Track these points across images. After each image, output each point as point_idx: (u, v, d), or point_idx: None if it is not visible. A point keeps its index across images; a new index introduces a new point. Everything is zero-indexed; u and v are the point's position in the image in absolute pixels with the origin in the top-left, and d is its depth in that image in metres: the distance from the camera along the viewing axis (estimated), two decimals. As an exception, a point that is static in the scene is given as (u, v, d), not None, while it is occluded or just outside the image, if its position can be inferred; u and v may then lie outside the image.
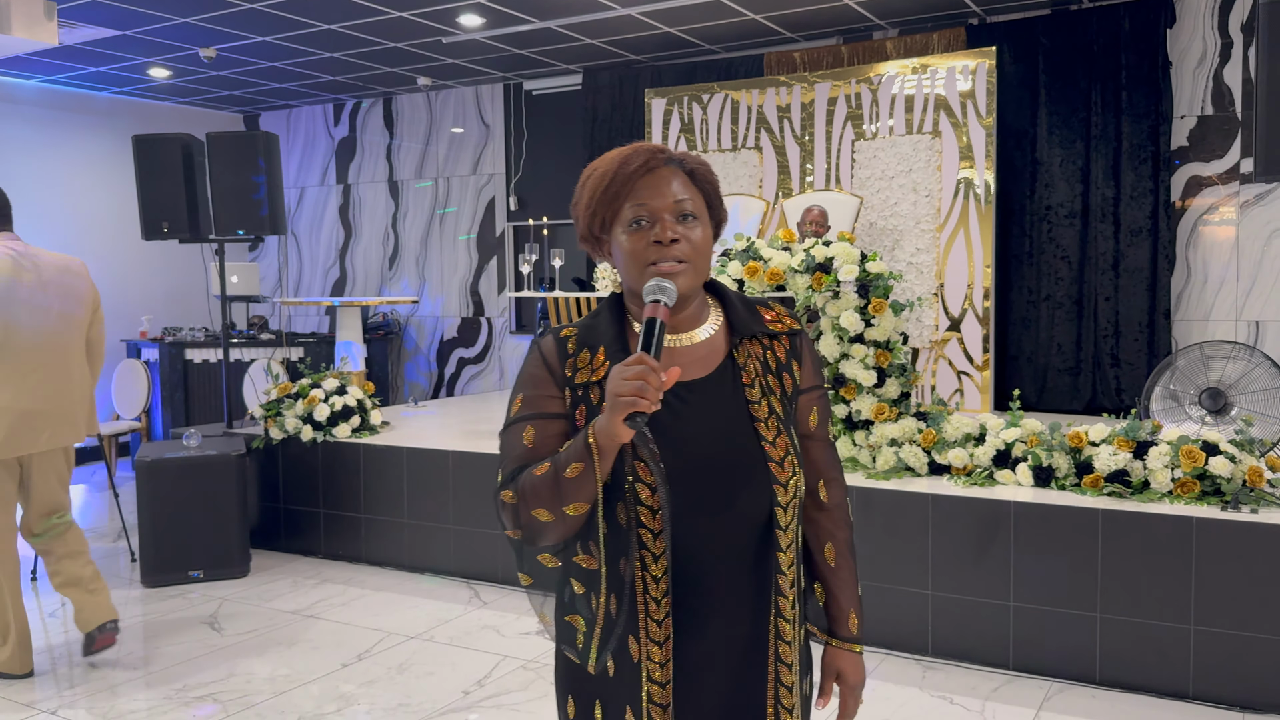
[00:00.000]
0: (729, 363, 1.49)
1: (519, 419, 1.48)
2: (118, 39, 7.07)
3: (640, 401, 1.25)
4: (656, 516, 1.39)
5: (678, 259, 1.41)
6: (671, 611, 1.42)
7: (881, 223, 6.66)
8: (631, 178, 1.44)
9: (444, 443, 5.27)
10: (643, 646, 1.42)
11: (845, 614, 1.60)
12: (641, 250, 1.42)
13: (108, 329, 8.76)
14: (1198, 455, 3.66)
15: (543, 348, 1.50)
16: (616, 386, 1.27)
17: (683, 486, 1.40)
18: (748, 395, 1.47)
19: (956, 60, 6.45)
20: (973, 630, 3.85)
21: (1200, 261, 6.19)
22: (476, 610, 4.63)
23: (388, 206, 9.35)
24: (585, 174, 1.49)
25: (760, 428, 1.45)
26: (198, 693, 3.71)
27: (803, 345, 1.56)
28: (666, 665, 1.42)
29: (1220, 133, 6.11)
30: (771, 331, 1.53)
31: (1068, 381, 6.51)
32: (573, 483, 1.35)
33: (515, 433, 1.47)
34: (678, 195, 1.43)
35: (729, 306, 1.53)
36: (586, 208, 1.47)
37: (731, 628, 1.44)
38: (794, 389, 1.52)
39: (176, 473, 5.00)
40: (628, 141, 6.78)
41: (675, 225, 1.42)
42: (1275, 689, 3.39)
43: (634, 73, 7.90)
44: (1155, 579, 3.55)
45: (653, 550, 1.40)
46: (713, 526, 1.42)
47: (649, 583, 1.41)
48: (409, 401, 7.32)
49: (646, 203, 1.42)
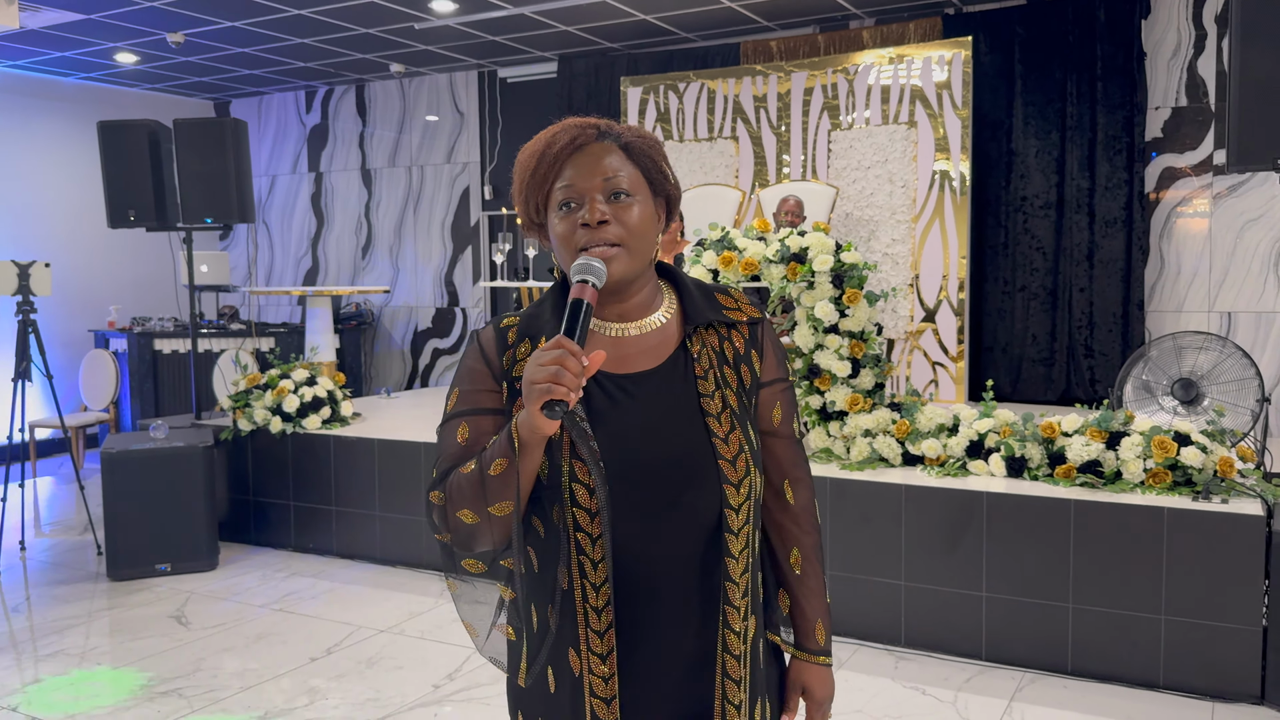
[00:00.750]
0: (681, 353, 1.38)
1: (453, 415, 1.38)
2: (83, 23, 6.94)
3: (556, 389, 1.14)
4: (595, 520, 1.28)
5: (609, 242, 1.30)
6: (614, 623, 1.31)
7: (857, 213, 6.64)
8: (559, 157, 1.34)
9: (416, 434, 5.22)
10: (584, 659, 1.32)
11: (812, 625, 1.49)
12: (570, 234, 1.32)
13: (75, 317, 8.65)
14: (1170, 446, 3.66)
15: (481, 339, 1.40)
16: (531, 373, 1.17)
17: (624, 486, 1.29)
18: (700, 388, 1.36)
19: (933, 50, 6.43)
20: (945, 621, 3.85)
21: (1174, 253, 6.21)
22: (447, 603, 4.58)
23: (360, 195, 9.26)
24: (520, 155, 1.39)
25: (712, 423, 1.34)
26: (163, 687, 3.65)
27: (764, 335, 1.44)
28: (611, 680, 1.32)
29: (1194, 124, 6.13)
30: (729, 320, 1.41)
31: (1042, 372, 6.53)
32: (497, 480, 1.25)
33: (449, 430, 1.37)
34: (608, 173, 1.32)
35: (684, 293, 1.42)
36: (519, 193, 1.38)
37: (680, 640, 1.34)
38: (753, 382, 1.41)
39: (143, 465, 4.93)
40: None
41: (604, 206, 1.31)
42: (1244, 678, 3.41)
43: (610, 61, 7.85)
44: (1127, 569, 3.56)
45: (591, 556, 1.30)
46: (658, 530, 1.31)
47: (588, 591, 1.30)
48: (381, 393, 7.25)
49: (574, 183, 1.32)
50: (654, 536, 1.31)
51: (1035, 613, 3.70)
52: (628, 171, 1.35)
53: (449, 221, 8.83)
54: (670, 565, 1.32)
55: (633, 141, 1.37)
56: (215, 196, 5.54)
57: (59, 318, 8.29)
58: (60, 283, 8.04)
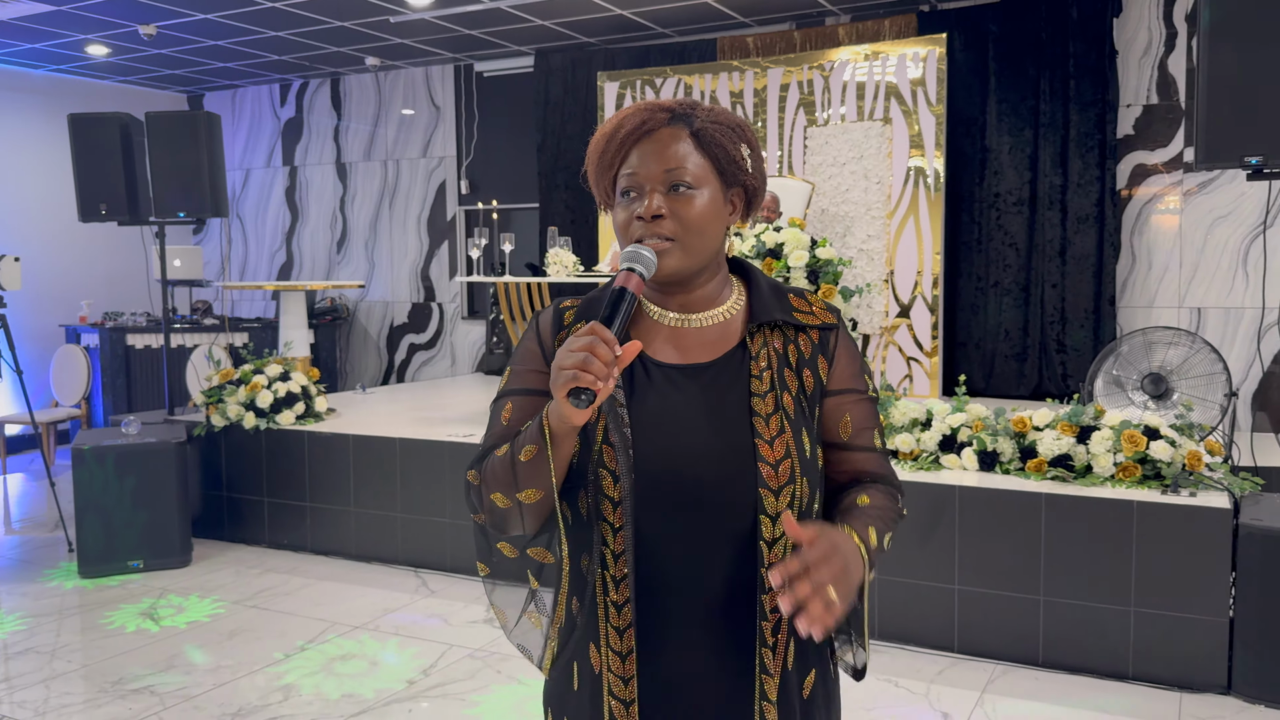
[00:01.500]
0: (739, 350, 1.32)
1: (503, 393, 1.35)
2: (53, 14, 6.86)
3: (583, 376, 1.09)
4: (618, 510, 1.23)
5: (663, 236, 1.25)
6: (635, 621, 1.25)
7: (833, 209, 6.67)
8: (625, 142, 1.28)
9: (391, 430, 5.20)
10: (603, 656, 1.27)
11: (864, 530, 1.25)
12: (627, 224, 1.28)
13: (46, 312, 8.55)
14: (1139, 440, 3.70)
15: (540, 320, 1.37)
16: (560, 358, 1.12)
17: (652, 478, 1.24)
18: (753, 387, 1.28)
19: (908, 47, 6.46)
20: (918, 613, 3.88)
21: (1145, 249, 6.28)
22: (424, 599, 4.57)
23: (335, 189, 9.20)
24: (594, 135, 1.35)
25: (758, 423, 1.26)
26: (134, 685, 3.63)
27: (837, 343, 1.35)
28: (630, 682, 1.26)
29: (1165, 121, 6.19)
30: (798, 323, 1.33)
31: (1015, 367, 6.58)
32: (527, 466, 1.22)
33: (498, 409, 1.35)
34: (670, 163, 1.26)
35: (754, 290, 1.36)
36: (590, 175, 1.34)
37: (708, 651, 1.26)
38: (816, 388, 1.32)
39: (114, 461, 4.89)
40: (580, 124, 6.74)
41: (662, 199, 1.26)
42: (1211, 668, 3.45)
43: (586, 55, 7.83)
44: (1097, 562, 3.60)
45: (613, 548, 1.24)
46: (682, 528, 1.25)
47: (609, 584, 1.25)
48: (357, 388, 7.22)
49: (636, 171, 1.27)
50: (679, 538, 1.25)
51: (1007, 605, 3.73)
52: (695, 161, 1.28)
53: (425, 216, 8.79)
54: (694, 568, 1.26)
55: (705, 128, 1.29)
56: (188, 190, 5.50)
57: (29, 312, 8.19)
58: (31, 277, 7.94)
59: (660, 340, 1.33)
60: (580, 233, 7.64)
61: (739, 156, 1.30)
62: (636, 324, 1.34)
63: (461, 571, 4.85)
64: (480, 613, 4.35)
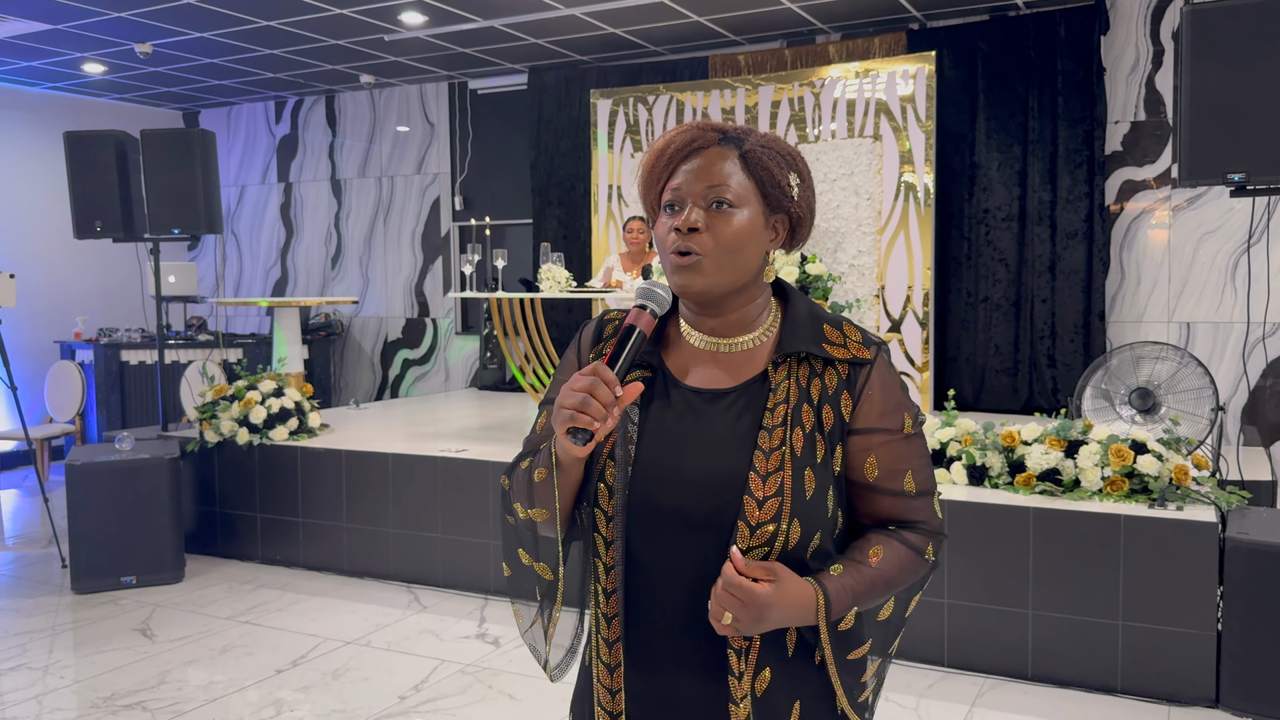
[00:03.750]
0: (760, 380, 1.29)
1: (544, 402, 1.39)
2: (50, 33, 6.90)
3: (579, 417, 1.14)
4: (610, 524, 1.26)
5: (694, 250, 1.25)
6: (623, 635, 1.28)
7: (824, 225, 6.71)
8: (673, 159, 1.29)
9: (384, 445, 5.22)
10: (594, 667, 1.31)
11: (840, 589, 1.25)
12: (664, 238, 1.28)
13: (41, 328, 8.56)
14: (1126, 454, 3.73)
15: (583, 332, 1.40)
16: (561, 397, 1.17)
17: (645, 498, 1.26)
18: (764, 420, 1.26)
19: (897, 65, 6.52)
20: (908, 628, 3.87)
21: (1134, 264, 6.32)
22: (415, 614, 4.58)
23: (330, 205, 9.24)
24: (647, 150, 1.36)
25: (758, 457, 1.23)
26: (126, 701, 3.63)
27: (869, 380, 1.29)
28: (618, 695, 1.28)
29: (1153, 138, 6.25)
30: (827, 355, 1.28)
31: (1005, 382, 6.61)
32: (539, 486, 1.26)
33: (536, 416, 1.41)
34: (714, 179, 1.26)
35: (789, 317, 1.32)
36: (640, 192, 1.35)
37: (689, 674, 1.28)
38: (836, 426, 1.27)
39: (108, 477, 4.90)
40: (573, 141, 6.80)
41: (700, 213, 1.25)
42: (1199, 682, 3.47)
43: (579, 73, 7.89)
44: (1085, 576, 3.62)
45: (605, 561, 1.28)
46: (669, 548, 1.26)
47: (599, 597, 1.29)
48: (351, 404, 7.23)
49: (680, 186, 1.27)
50: (666, 557, 1.26)
51: (996, 619, 3.75)
52: (739, 180, 1.27)
53: (419, 232, 8.83)
54: (678, 589, 1.26)
55: (753, 150, 1.28)
56: (182, 207, 5.53)
57: (24, 329, 8.20)
58: (26, 293, 7.95)
59: (687, 361, 1.34)
60: (573, 248, 7.69)
61: (785, 183, 1.29)
62: (667, 343, 1.35)
63: (454, 587, 4.86)
64: (472, 628, 4.36)
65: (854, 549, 1.30)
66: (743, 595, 1.17)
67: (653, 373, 1.34)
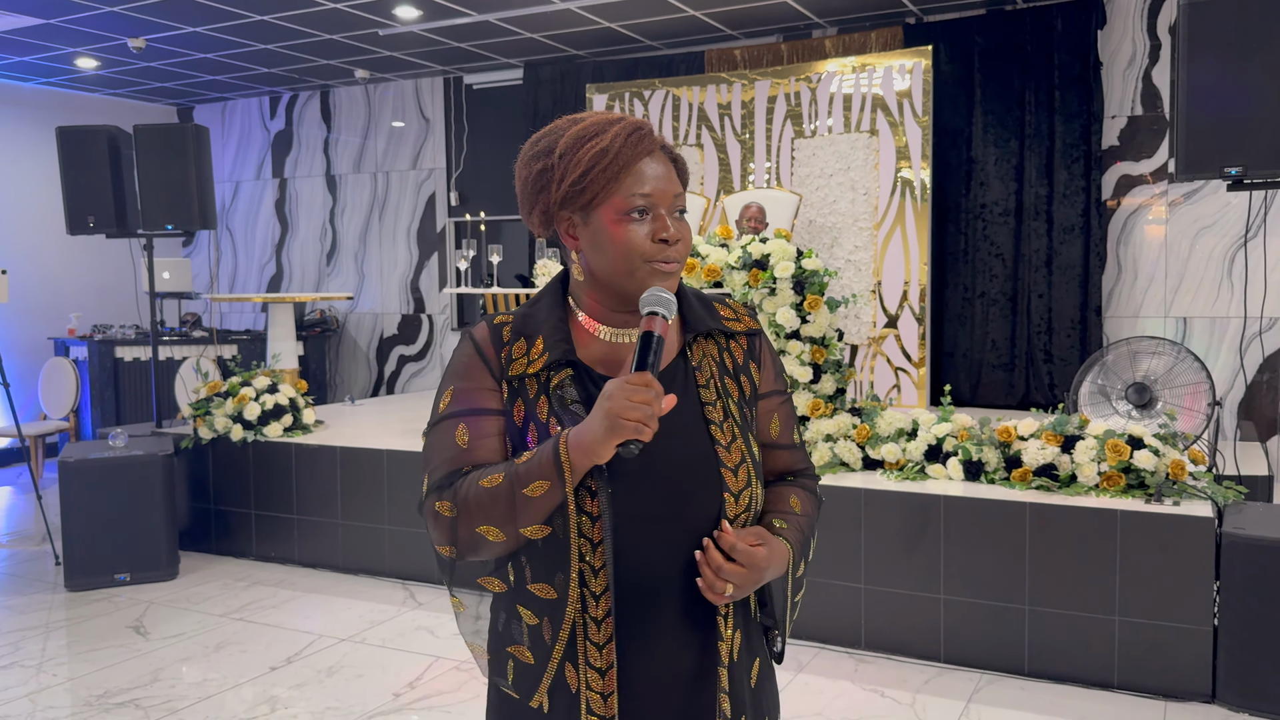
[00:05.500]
0: (681, 361, 1.36)
1: (450, 415, 1.32)
2: (42, 28, 6.87)
3: (644, 430, 1.15)
4: (596, 525, 1.24)
5: (675, 260, 1.30)
6: (615, 635, 1.27)
7: (820, 220, 6.69)
8: (635, 158, 1.29)
9: (379, 442, 5.20)
10: (581, 675, 1.27)
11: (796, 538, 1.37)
12: (640, 243, 1.28)
13: (35, 324, 8.53)
14: (1123, 449, 3.72)
15: (476, 336, 1.35)
16: (621, 408, 1.15)
17: (627, 492, 1.26)
18: (702, 396, 1.33)
19: (894, 59, 6.50)
20: (904, 623, 3.89)
21: (1131, 259, 6.31)
22: (411, 611, 4.57)
23: (325, 201, 9.21)
24: (571, 139, 1.30)
25: (715, 431, 1.31)
26: (120, 698, 3.62)
27: (762, 347, 1.43)
28: (610, 698, 1.26)
29: (1149, 132, 6.24)
30: (729, 330, 1.39)
31: (1002, 377, 6.60)
32: (534, 501, 1.21)
33: (445, 431, 1.31)
34: (678, 188, 1.32)
35: (684, 302, 1.38)
36: (575, 182, 1.29)
37: (679, 655, 1.31)
38: (753, 393, 1.39)
39: (101, 474, 4.87)
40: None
41: (676, 221, 1.31)
42: (1196, 677, 3.46)
43: (575, 68, 7.86)
44: (1081, 571, 3.61)
45: (592, 563, 1.25)
46: (658, 538, 1.28)
47: (588, 601, 1.26)
48: (346, 400, 7.21)
49: (653, 192, 1.29)
50: (653, 544, 1.28)
51: (992, 614, 3.74)
52: (681, 189, 1.35)
53: (415, 228, 8.80)
54: (669, 575, 1.29)
55: (679, 160, 1.36)
56: (176, 203, 5.50)
57: (18, 325, 8.18)
58: (19, 290, 7.93)
59: (603, 356, 1.35)
60: (569, 244, 7.66)
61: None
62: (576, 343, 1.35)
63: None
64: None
65: (777, 502, 1.41)
66: (749, 561, 1.26)
67: (576, 371, 1.33)
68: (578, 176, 1.28)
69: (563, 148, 1.31)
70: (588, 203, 1.29)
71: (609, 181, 1.28)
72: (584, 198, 1.29)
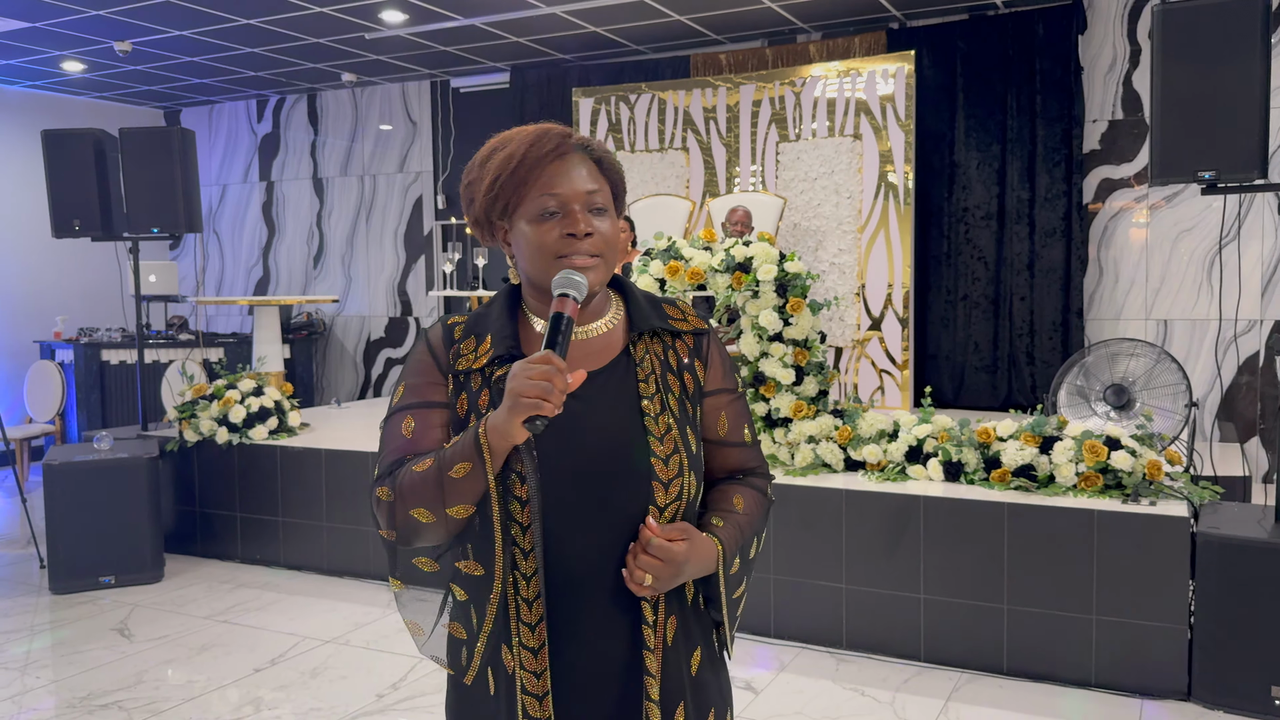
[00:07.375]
0: (624, 358, 1.41)
1: (399, 408, 1.40)
2: (28, 31, 6.86)
3: (544, 404, 1.19)
4: (525, 509, 1.31)
5: (590, 253, 1.34)
6: (545, 616, 1.32)
7: (805, 223, 6.74)
8: (541, 162, 1.34)
9: (364, 444, 5.21)
10: (516, 655, 1.33)
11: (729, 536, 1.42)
12: (552, 242, 1.34)
13: (20, 327, 8.51)
14: (1100, 450, 3.76)
15: (429, 335, 1.44)
16: (520, 385, 1.20)
17: (557, 478, 1.32)
18: (640, 390, 1.38)
19: (877, 64, 6.55)
20: (885, 623, 3.92)
21: (1112, 262, 6.37)
22: (394, 613, 4.56)
23: (312, 204, 9.21)
24: (485, 152, 1.39)
25: (649, 423, 1.36)
26: (103, 700, 3.63)
27: (709, 346, 1.47)
28: (543, 675, 1.32)
29: (1130, 136, 6.29)
30: (674, 329, 1.44)
31: (985, 379, 6.65)
32: (459, 483, 1.28)
33: (395, 423, 1.39)
34: (589, 185, 1.36)
35: (630, 301, 1.45)
36: (487, 191, 1.36)
37: (609, 638, 1.35)
38: (696, 390, 1.44)
39: (86, 476, 4.88)
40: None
41: (588, 217, 1.35)
42: (1172, 675, 3.50)
43: (562, 72, 7.89)
44: (1059, 570, 3.65)
45: (522, 546, 1.32)
46: (587, 524, 1.33)
47: (519, 583, 1.32)
48: (331, 403, 7.22)
49: (560, 192, 1.34)
50: (583, 530, 1.33)
51: (971, 614, 3.78)
52: (601, 186, 1.38)
53: (402, 231, 8.82)
54: (598, 560, 1.34)
55: (604, 157, 1.41)
56: (162, 206, 5.50)
57: (3, 328, 8.17)
58: (4, 293, 7.93)
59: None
60: (556, 247, 7.68)
61: (623, 190, 1.45)
62: (521, 339, 1.41)
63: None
64: (452, 626, 4.35)
65: (719, 500, 1.46)
66: (664, 555, 1.31)
67: None
68: (489, 184, 1.37)
69: (480, 160, 1.40)
70: (505, 210, 1.38)
71: (518, 187, 1.35)
72: (499, 205, 1.37)
